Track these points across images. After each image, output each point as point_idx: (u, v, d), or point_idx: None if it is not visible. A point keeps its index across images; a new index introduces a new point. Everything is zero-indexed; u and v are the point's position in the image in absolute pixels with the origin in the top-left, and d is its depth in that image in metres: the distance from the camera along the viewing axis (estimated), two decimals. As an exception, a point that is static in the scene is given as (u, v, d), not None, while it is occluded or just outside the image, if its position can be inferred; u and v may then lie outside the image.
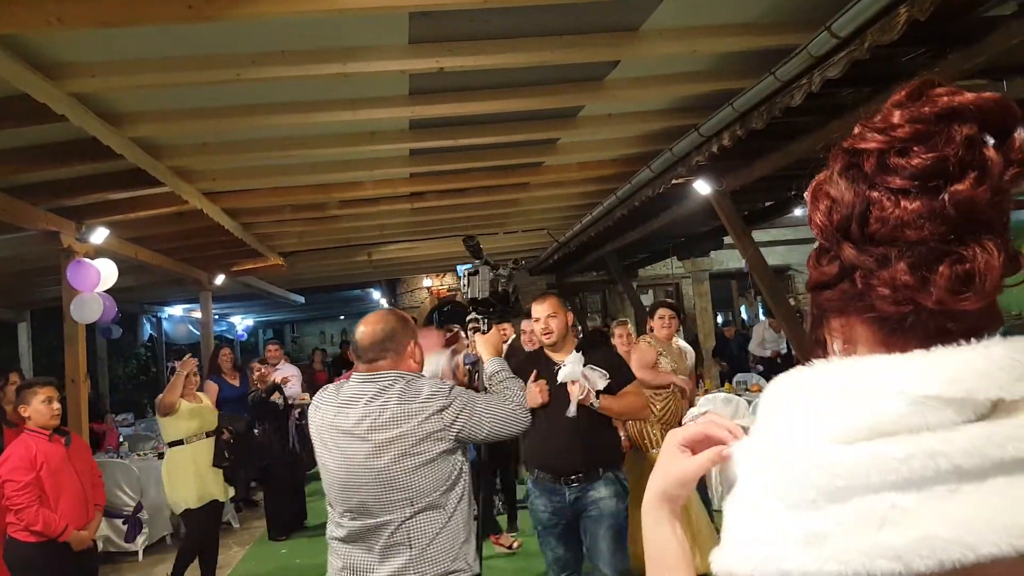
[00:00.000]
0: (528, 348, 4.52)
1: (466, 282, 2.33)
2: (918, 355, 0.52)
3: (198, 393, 4.89)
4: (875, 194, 0.56)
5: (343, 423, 1.92)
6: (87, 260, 5.12)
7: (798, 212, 7.50)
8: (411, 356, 2.01)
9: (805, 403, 0.53)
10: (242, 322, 17.87)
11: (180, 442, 4.60)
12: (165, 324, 14.30)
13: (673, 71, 3.89)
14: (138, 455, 6.33)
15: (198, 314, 10.45)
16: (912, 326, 0.54)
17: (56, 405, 3.35)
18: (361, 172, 5.23)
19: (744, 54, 3.61)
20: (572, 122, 4.53)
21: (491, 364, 2.20)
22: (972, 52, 2.95)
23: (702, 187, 5.37)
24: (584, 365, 2.84)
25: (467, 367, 2.98)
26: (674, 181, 5.03)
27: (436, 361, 2.78)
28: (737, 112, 3.78)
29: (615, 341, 5.00)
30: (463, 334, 4.61)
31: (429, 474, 1.88)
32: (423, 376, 1.99)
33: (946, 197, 0.52)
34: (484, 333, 2.25)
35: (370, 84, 3.60)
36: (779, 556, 0.48)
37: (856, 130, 0.60)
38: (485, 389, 2.33)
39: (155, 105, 3.57)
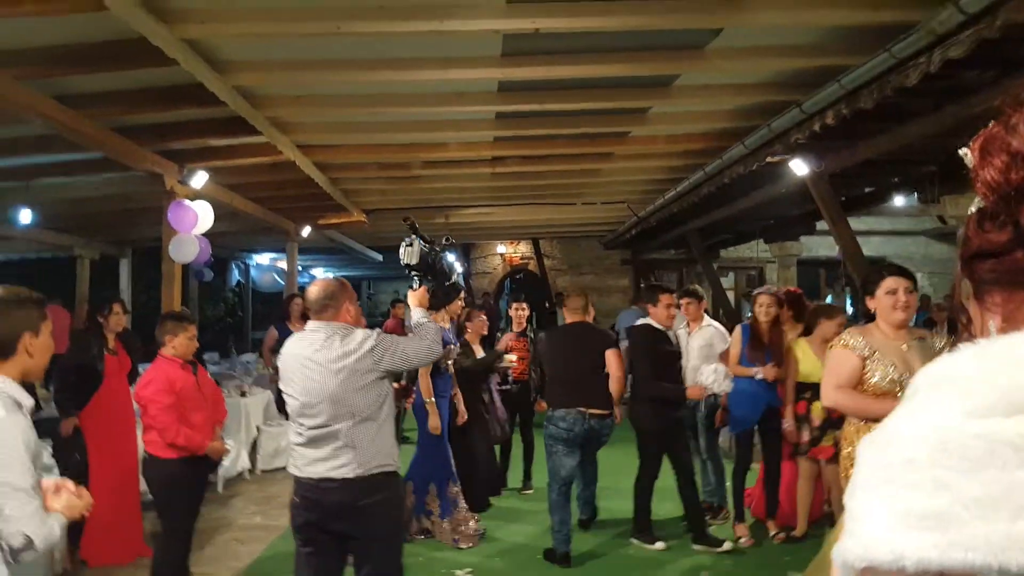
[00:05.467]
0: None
1: (403, 252, 2.91)
2: None
3: None
4: None
5: (309, 357, 2.62)
6: (187, 202, 5.40)
7: (900, 201, 7.06)
8: (347, 312, 2.73)
9: (939, 384, 0.49)
10: (323, 275, 18.55)
11: None
12: (252, 271, 15.00)
13: (778, 43, 3.69)
14: (227, 392, 6.70)
15: (284, 264, 10.90)
16: None
17: (196, 342, 3.71)
18: (446, 133, 5.27)
19: (855, 29, 3.40)
20: (666, 91, 4.39)
21: (415, 313, 2.86)
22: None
23: (799, 167, 5.13)
24: None
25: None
26: (769, 159, 4.81)
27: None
28: (844, 89, 3.56)
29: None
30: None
31: (365, 395, 2.59)
32: (356, 329, 2.71)
33: None
34: (415, 290, 2.91)
35: (463, 43, 3.59)
36: (894, 539, 0.44)
37: None
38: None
39: (257, 55, 3.68)
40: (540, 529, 4.72)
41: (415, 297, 2.89)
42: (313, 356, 2.61)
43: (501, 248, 13.33)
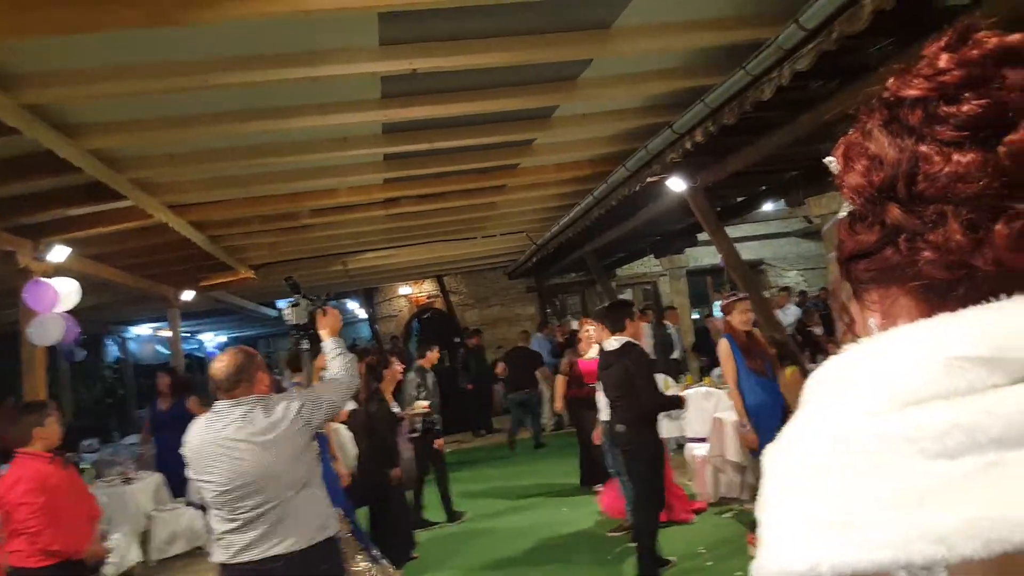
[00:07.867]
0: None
1: (289, 312, 2.88)
2: (945, 317, 0.48)
3: None
4: (923, 148, 0.50)
5: (229, 437, 2.44)
6: (45, 280, 4.92)
7: (769, 207, 7.58)
8: (261, 382, 2.59)
9: (829, 385, 0.50)
10: (214, 339, 17.51)
11: None
12: (131, 344, 13.93)
13: (646, 69, 3.87)
14: (104, 481, 6.08)
15: (167, 332, 10.19)
16: (965, 294, 0.49)
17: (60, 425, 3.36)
18: (334, 179, 5.13)
19: (716, 49, 3.61)
20: (547, 122, 4.49)
21: (327, 343, 2.83)
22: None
23: (676, 184, 5.39)
24: None
25: None
26: (649, 179, 5.02)
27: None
28: (709, 108, 3.77)
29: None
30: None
31: (301, 459, 2.51)
32: (272, 396, 2.62)
33: (1003, 148, 0.48)
34: (307, 350, 2.96)
35: (340, 88, 3.51)
36: (806, 548, 0.44)
37: (894, 81, 0.54)
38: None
39: (115, 115, 3.43)
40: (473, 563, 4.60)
41: (326, 325, 2.84)
42: (235, 436, 2.44)
43: (405, 289, 13.11)
